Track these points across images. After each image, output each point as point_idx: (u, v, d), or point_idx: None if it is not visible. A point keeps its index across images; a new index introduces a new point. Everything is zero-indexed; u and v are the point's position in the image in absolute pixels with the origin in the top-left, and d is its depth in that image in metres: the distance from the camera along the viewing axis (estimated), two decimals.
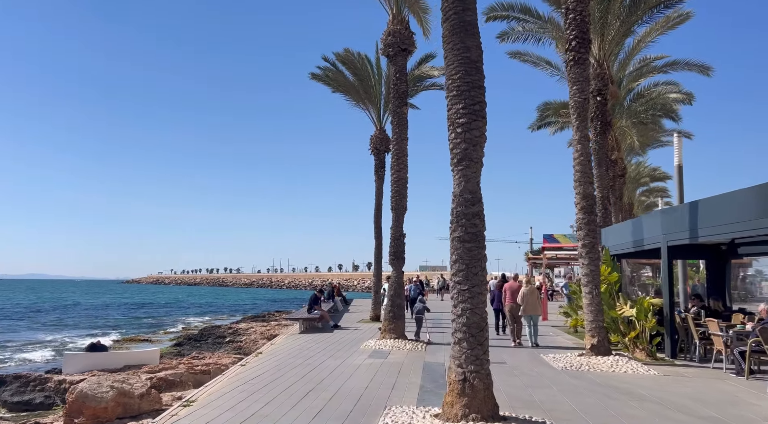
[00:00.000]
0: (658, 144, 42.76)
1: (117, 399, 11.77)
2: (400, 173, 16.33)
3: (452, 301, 7.40)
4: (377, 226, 23.63)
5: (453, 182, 7.45)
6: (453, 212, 7.38)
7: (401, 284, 16.25)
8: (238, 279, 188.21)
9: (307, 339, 17.24)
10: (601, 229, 18.80)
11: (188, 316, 52.82)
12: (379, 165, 23.79)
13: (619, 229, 17.75)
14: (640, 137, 37.72)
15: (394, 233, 16.25)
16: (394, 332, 15.74)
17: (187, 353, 23.58)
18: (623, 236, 16.73)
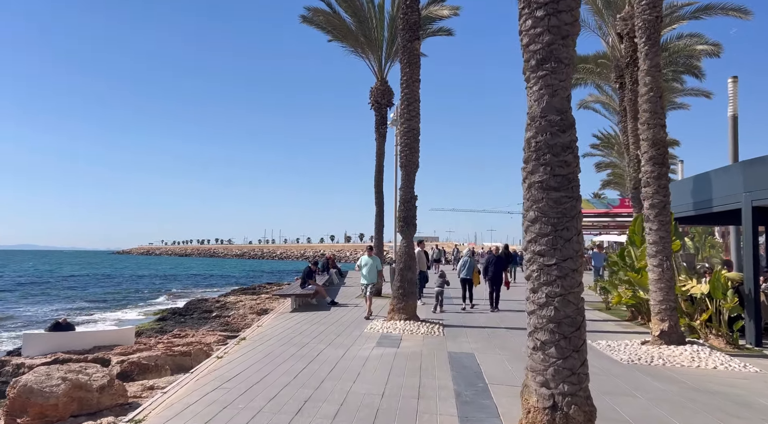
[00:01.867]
0: (671, 106, 39.93)
1: (71, 393, 9.49)
2: (411, 123, 13.60)
3: (528, 283, 4.78)
4: (378, 190, 20.97)
5: (528, 98, 4.79)
6: (530, 143, 4.75)
7: (412, 255, 13.65)
8: (230, 250, 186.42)
9: (300, 319, 14.69)
10: None
11: (175, 288, 50.53)
12: (380, 121, 21.02)
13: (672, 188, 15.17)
14: None
15: (404, 195, 13.60)
16: (404, 311, 13.20)
17: (169, 330, 21.55)
18: (680, 197, 14.18)
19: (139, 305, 35.88)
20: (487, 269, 16.49)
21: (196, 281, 62.68)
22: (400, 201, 13.66)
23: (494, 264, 16.35)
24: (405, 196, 13.60)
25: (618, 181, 76.23)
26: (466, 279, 16.70)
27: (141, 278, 67.40)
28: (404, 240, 13.61)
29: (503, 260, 16.61)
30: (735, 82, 15.94)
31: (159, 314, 29.14)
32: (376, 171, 20.95)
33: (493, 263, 16.36)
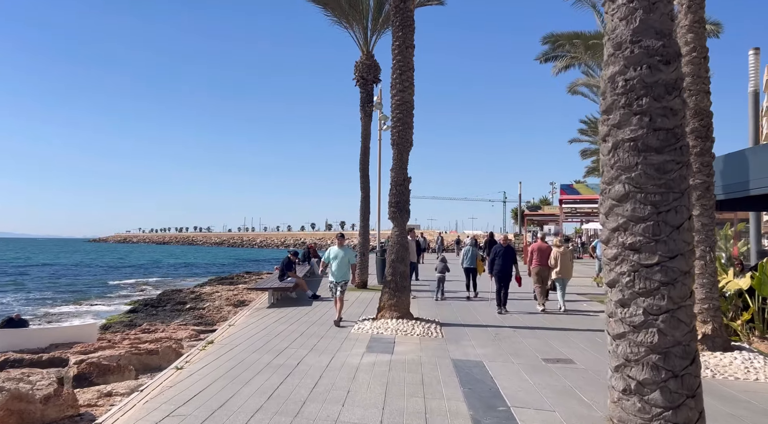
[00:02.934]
0: None
1: (9, 405, 8.11)
2: (404, 94, 11.97)
3: (613, 292, 3.21)
4: (364, 174, 19.33)
5: (610, 17, 3.21)
6: (614, 82, 3.23)
7: (405, 245, 12.06)
8: (209, 238, 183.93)
9: (278, 317, 13.08)
10: None
11: (150, 277, 48.49)
12: (365, 98, 19.32)
13: None
14: None
15: (396, 177, 11.99)
16: (397, 309, 11.64)
17: (140, 323, 19.93)
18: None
19: (110, 296, 34.01)
20: (493, 262, 13.55)
21: (172, 269, 60.65)
22: (392, 184, 12.05)
23: (502, 256, 13.38)
24: (397, 178, 12.00)
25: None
26: (469, 268, 16.52)
27: (114, 266, 65.14)
28: (396, 228, 12.02)
29: (512, 251, 13.70)
30: (757, 55, 14.52)
31: (131, 306, 27.48)
32: (361, 153, 19.30)
33: (500, 255, 13.39)
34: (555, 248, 13.91)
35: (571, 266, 13.93)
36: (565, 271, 13.72)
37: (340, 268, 12.11)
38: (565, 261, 13.68)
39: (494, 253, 13.56)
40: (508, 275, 13.43)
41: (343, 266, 12.15)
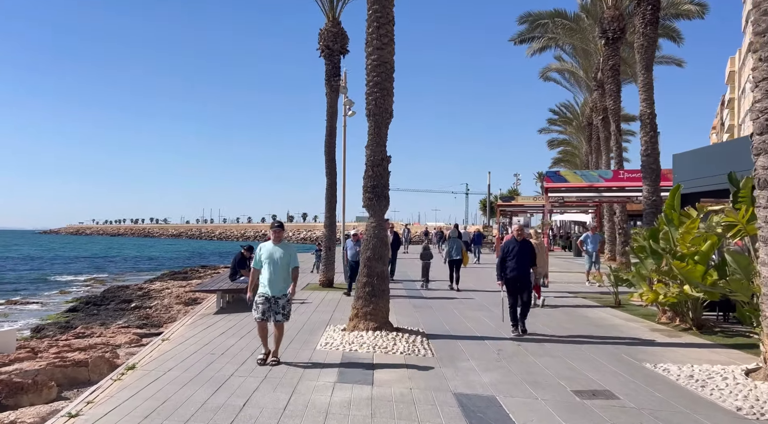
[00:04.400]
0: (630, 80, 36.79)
1: None
2: (382, 53, 9.69)
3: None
4: (330, 157, 17.01)
5: None
6: None
7: (384, 239, 9.83)
8: (166, 230, 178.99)
9: (226, 326, 10.73)
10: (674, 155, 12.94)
11: (98, 271, 45.21)
12: (331, 71, 16.97)
13: (709, 153, 11.93)
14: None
15: (373, 156, 9.73)
16: (374, 317, 9.42)
17: (77, 325, 17.52)
18: (719, 164, 10.92)
19: (50, 293, 30.90)
20: (504, 263, 9.75)
21: (123, 263, 57.20)
22: (368, 164, 9.78)
23: (517, 256, 9.58)
24: (374, 157, 9.73)
25: (569, 159, 74.61)
26: (455, 260, 16.25)
27: (63, 260, 61.14)
28: (373, 218, 9.77)
29: (531, 248, 9.78)
30: None
31: (71, 304, 24.84)
32: (327, 134, 16.95)
33: (515, 255, 9.63)
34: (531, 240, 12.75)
35: (546, 260, 13.52)
36: (540, 264, 12.73)
37: (276, 274, 7.75)
38: (541, 254, 12.85)
39: (505, 251, 9.78)
40: (527, 283, 9.76)
41: (281, 272, 7.78)
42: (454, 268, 16.35)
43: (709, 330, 10.18)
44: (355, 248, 14.69)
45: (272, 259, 7.80)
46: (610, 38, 22.15)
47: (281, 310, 7.80)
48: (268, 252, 7.89)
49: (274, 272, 7.77)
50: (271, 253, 7.85)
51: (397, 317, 11.52)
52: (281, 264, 7.80)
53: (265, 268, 7.83)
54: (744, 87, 61.78)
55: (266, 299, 7.76)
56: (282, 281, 7.80)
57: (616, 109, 22.40)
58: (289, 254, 7.90)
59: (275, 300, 7.77)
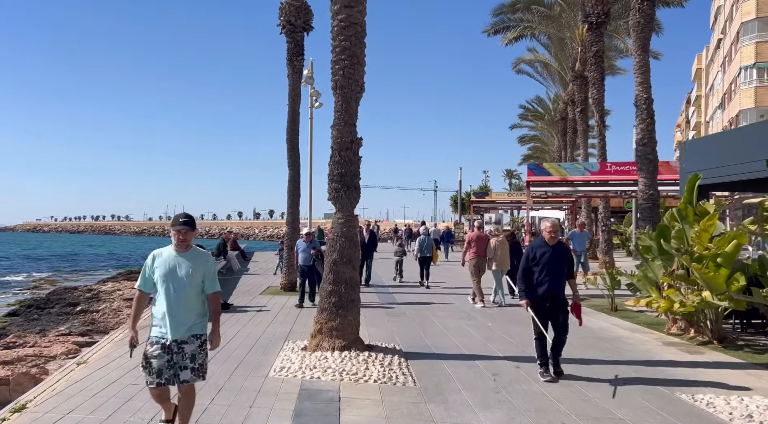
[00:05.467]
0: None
1: None
2: (350, 12, 7.97)
3: None
4: (292, 145, 15.25)
5: None
6: None
7: (353, 239, 8.12)
8: (128, 227, 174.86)
9: None
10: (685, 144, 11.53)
11: (49, 270, 42.42)
12: (293, 50, 15.19)
13: (721, 141, 10.56)
14: None
15: (341, 138, 8.01)
16: (341, 334, 7.73)
17: (11, 332, 15.25)
18: (734, 153, 9.57)
19: None
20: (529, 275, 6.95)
21: (80, 261, 54.26)
22: (334, 148, 8.07)
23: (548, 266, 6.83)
24: (341, 139, 8.02)
25: (539, 155, 73.93)
26: (426, 258, 16.32)
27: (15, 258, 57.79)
28: (341, 213, 8.06)
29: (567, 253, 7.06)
30: None
31: (12, 307, 22.61)
32: (289, 120, 15.17)
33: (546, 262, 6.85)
34: (494, 238, 13.07)
35: (508, 257, 13.01)
36: (502, 262, 12.82)
37: (181, 304, 4.66)
38: (503, 251, 12.81)
39: (529, 258, 6.90)
40: (562, 304, 6.91)
41: (189, 300, 4.70)
42: (424, 265, 16.40)
43: (732, 344, 8.75)
44: (308, 249, 12.46)
45: (173, 277, 4.62)
46: (593, 23, 20.81)
47: (190, 363, 4.60)
48: (167, 266, 4.64)
49: (176, 301, 4.58)
50: (172, 268, 4.64)
51: (369, 328, 9.88)
52: (189, 287, 4.64)
53: (161, 293, 4.63)
54: (712, 84, 61.87)
55: (164, 347, 4.55)
56: (191, 314, 4.65)
57: (599, 98, 21.09)
58: (201, 271, 4.69)
59: (179, 347, 4.57)
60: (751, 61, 43.89)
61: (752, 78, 43.99)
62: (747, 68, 44.36)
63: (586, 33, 21.62)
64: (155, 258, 4.73)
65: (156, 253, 4.77)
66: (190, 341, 4.63)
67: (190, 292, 4.66)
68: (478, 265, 12.93)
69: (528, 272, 6.90)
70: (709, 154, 10.30)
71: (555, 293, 6.81)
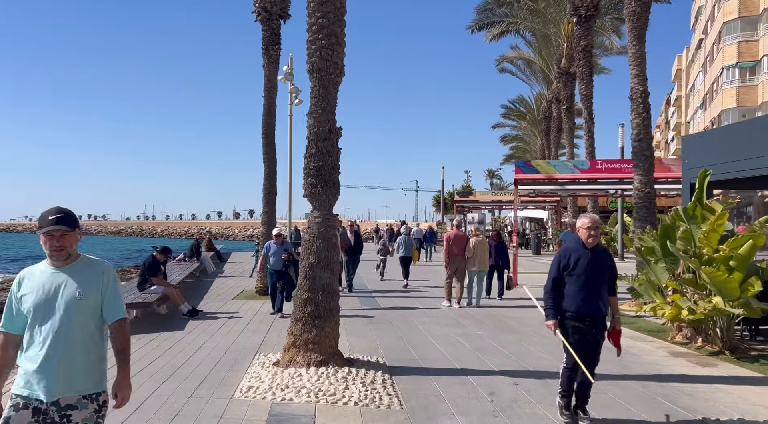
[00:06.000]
0: None
1: None
2: None
3: None
4: (268, 141, 14.37)
5: None
6: None
7: (332, 241, 7.26)
8: (104, 227, 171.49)
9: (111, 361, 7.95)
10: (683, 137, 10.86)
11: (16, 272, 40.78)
12: (269, 39, 14.30)
13: (724, 135, 9.89)
14: None
15: (318, 127, 7.15)
16: (317, 347, 6.88)
17: None
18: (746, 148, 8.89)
19: None
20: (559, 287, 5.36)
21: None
22: (310, 138, 7.21)
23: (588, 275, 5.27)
24: (319, 129, 7.16)
25: (521, 155, 73.57)
26: (406, 257, 16.42)
27: None
28: (318, 212, 7.20)
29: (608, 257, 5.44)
30: None
31: None
32: (264, 113, 14.28)
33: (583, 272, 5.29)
34: (473, 238, 12.71)
35: (487, 257, 12.82)
36: (481, 262, 12.57)
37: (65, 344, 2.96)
38: (481, 251, 12.57)
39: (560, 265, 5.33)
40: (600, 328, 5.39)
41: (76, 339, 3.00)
42: (404, 265, 16.48)
43: (745, 355, 8.04)
44: (278, 252, 11.19)
45: (50, 306, 3.02)
46: (582, 16, 20.18)
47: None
48: (41, 290, 3.03)
49: (57, 341, 2.98)
50: (49, 291, 3.03)
51: (350, 338, 9.04)
52: (77, 316, 3.03)
53: (35, 331, 3.02)
54: (693, 84, 61.97)
55: (37, 412, 2.94)
56: (81, 359, 3.03)
57: (588, 94, 20.47)
58: (96, 290, 3.10)
59: (63, 414, 2.96)
60: (733, 60, 43.82)
61: (735, 78, 43.92)
62: (729, 68, 44.28)
63: (575, 27, 20.96)
64: (23, 281, 3.10)
65: (25, 273, 3.15)
66: (80, 403, 2.98)
67: (80, 325, 3.02)
68: (456, 265, 12.56)
69: (558, 283, 5.27)
70: (714, 149, 9.61)
71: (593, 312, 5.20)
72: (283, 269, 11.13)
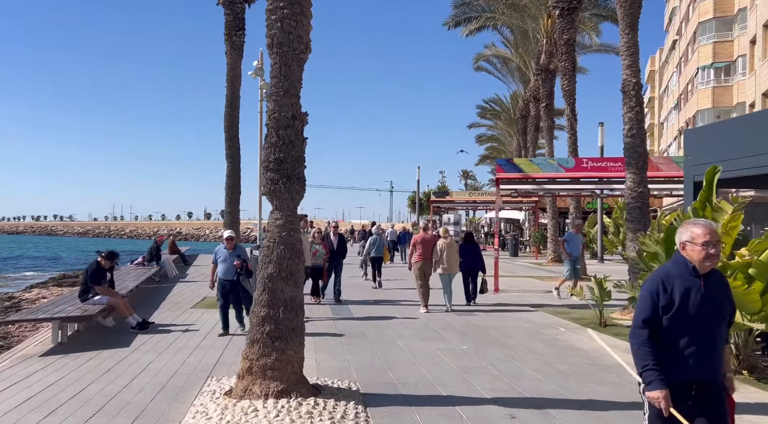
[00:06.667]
0: None
1: None
2: None
3: None
4: (231, 135, 13.20)
5: None
6: None
7: (295, 246, 6.13)
8: (71, 228, 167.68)
9: (52, 379, 6.76)
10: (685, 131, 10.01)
11: None
12: (233, 23, 13.15)
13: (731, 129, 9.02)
14: None
15: (279, 112, 6.03)
16: (278, 374, 5.76)
17: None
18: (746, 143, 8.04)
19: None
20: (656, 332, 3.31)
21: (9, 264, 50.28)
22: (271, 125, 6.09)
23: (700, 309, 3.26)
24: (280, 114, 6.04)
25: (496, 155, 73.08)
26: (377, 258, 16.46)
27: None
28: (279, 212, 6.08)
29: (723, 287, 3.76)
30: None
31: None
32: (227, 104, 13.11)
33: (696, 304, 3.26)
34: (441, 240, 12.25)
35: (457, 260, 12.32)
36: (451, 265, 12.16)
37: None
38: (451, 254, 12.16)
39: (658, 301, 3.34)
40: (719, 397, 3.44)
41: None
42: (375, 266, 16.48)
43: (765, 375, 7.14)
44: (230, 259, 9.44)
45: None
46: (565, 9, 19.37)
47: None
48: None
49: None
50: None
51: (318, 356, 7.96)
52: None
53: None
54: (667, 85, 62.09)
55: None
56: None
57: (570, 90, 19.66)
58: None
59: None
60: (708, 61, 43.66)
61: (710, 78, 43.78)
62: (705, 68, 44.13)
63: (557, 20, 20.14)
64: None
65: None
66: None
67: None
68: (424, 268, 12.12)
69: (653, 328, 3.38)
70: (722, 143, 8.73)
71: (710, 375, 3.37)
72: (236, 279, 9.47)
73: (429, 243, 12.27)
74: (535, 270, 23.26)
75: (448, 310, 12.21)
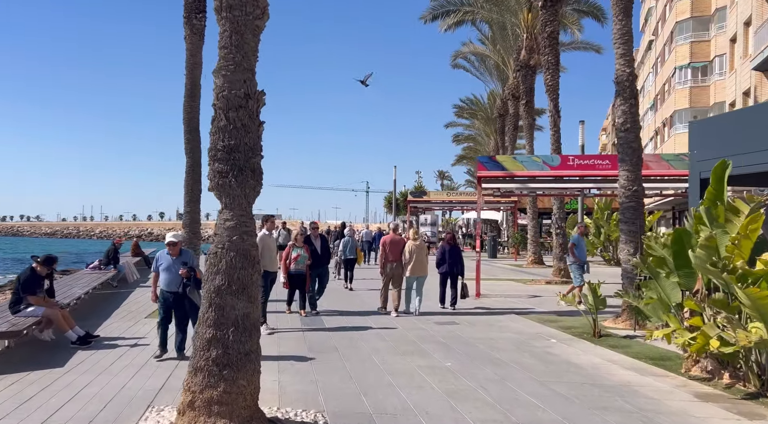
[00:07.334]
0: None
1: None
2: None
3: None
4: (191, 127, 12.06)
5: None
6: None
7: (249, 253, 5.08)
8: (38, 228, 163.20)
9: None
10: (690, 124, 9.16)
11: None
12: (193, 6, 12.01)
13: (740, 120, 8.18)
14: None
15: (228, 90, 4.98)
16: (226, 411, 4.71)
17: None
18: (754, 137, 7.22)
19: None
20: None
21: None
22: (219, 106, 5.02)
23: None
24: (230, 92, 4.98)
25: (473, 155, 72.45)
26: (349, 259, 16.29)
27: None
28: (228, 212, 5.02)
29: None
30: None
31: None
32: (186, 94, 11.97)
33: None
34: (410, 241, 11.91)
35: (426, 262, 11.96)
36: (420, 267, 11.78)
37: None
38: (420, 256, 11.80)
39: None
40: None
41: None
42: (348, 267, 16.27)
43: None
44: (174, 267, 7.88)
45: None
46: (548, 0, 18.53)
47: None
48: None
49: None
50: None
51: (281, 377, 6.90)
52: None
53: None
54: (643, 85, 62.12)
55: None
56: None
57: (554, 85, 18.83)
58: None
59: None
60: (686, 60, 43.46)
61: (687, 78, 43.59)
62: (682, 68, 43.93)
63: (540, 11, 19.30)
64: None
65: None
66: None
67: None
68: (392, 271, 11.82)
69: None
70: (731, 136, 7.88)
71: None
72: (181, 291, 7.89)
73: (398, 245, 11.91)
74: (515, 272, 22.44)
75: (416, 314, 11.76)
